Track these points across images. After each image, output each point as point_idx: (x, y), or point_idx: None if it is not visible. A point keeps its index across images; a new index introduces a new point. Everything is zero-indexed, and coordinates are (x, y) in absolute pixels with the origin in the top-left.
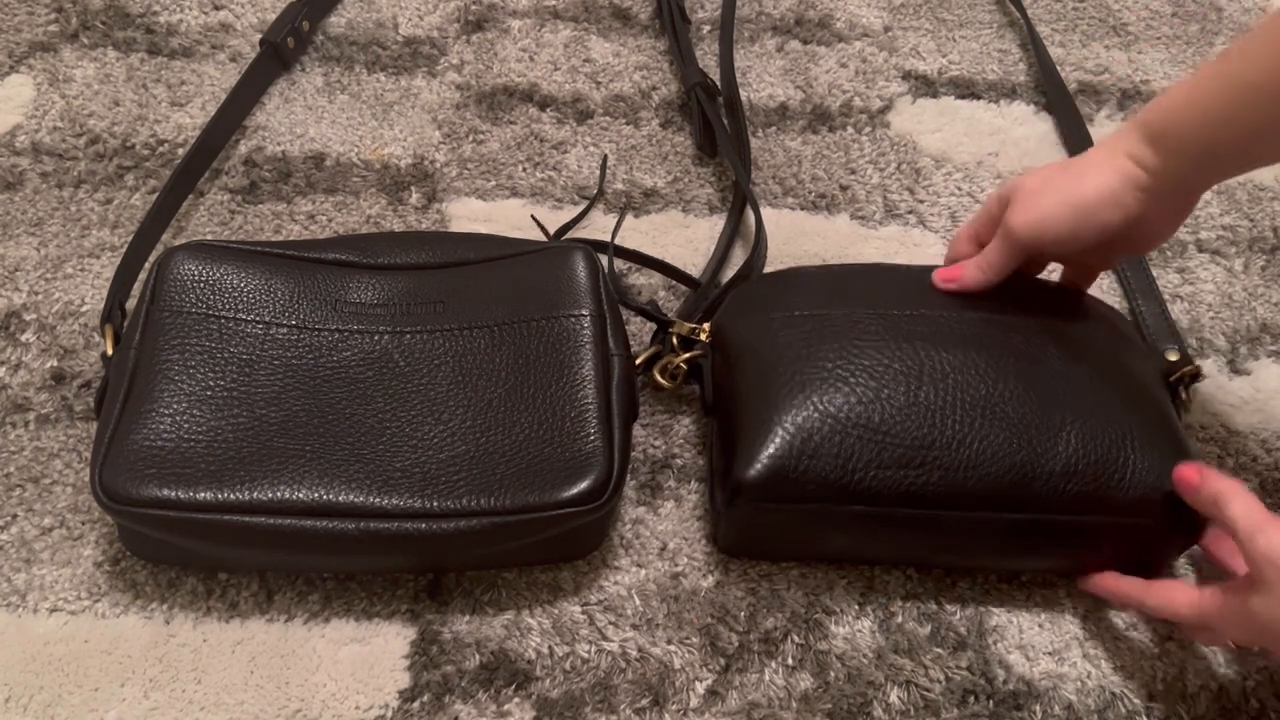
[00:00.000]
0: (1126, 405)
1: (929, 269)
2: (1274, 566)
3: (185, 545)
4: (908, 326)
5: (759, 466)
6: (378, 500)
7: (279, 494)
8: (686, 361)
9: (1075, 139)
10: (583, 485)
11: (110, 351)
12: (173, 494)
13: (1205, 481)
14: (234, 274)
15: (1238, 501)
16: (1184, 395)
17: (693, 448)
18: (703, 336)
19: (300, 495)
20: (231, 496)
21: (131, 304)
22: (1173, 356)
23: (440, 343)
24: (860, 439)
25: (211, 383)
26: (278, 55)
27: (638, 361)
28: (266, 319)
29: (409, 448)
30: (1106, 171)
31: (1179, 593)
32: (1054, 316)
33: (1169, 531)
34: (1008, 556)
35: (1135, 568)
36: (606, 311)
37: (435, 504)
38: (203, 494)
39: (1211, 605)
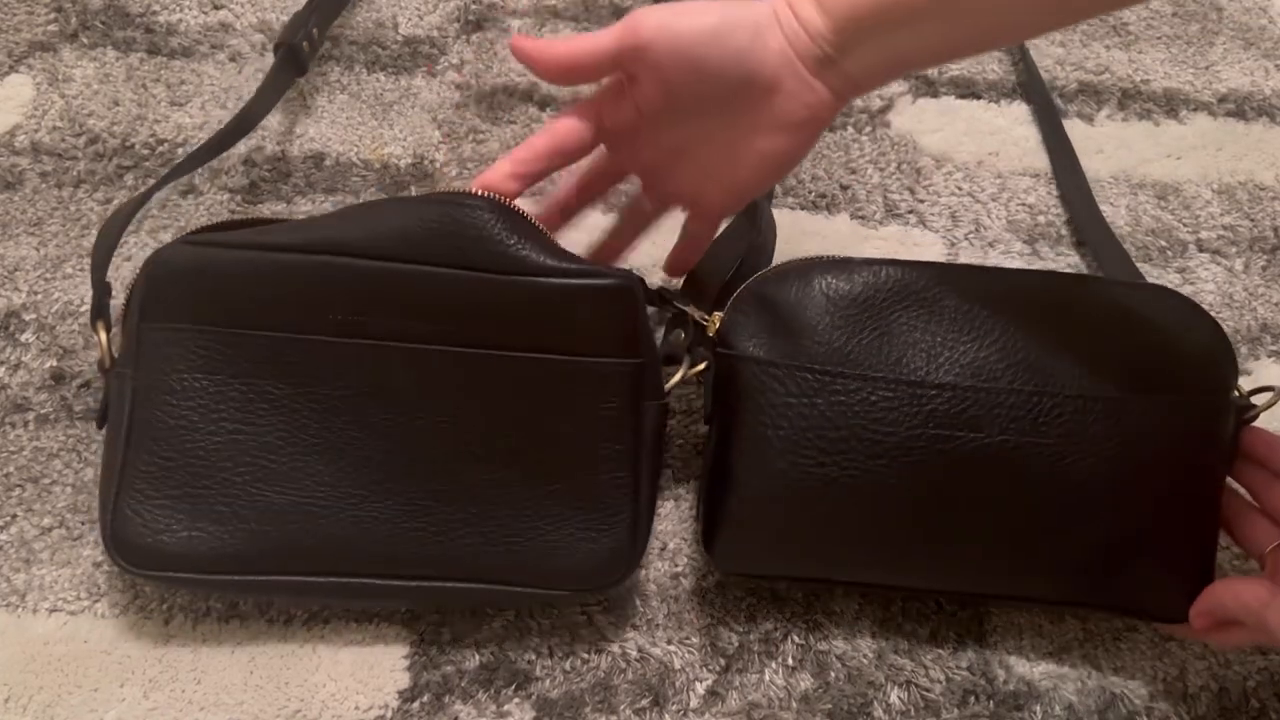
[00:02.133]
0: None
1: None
2: None
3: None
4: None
5: (728, 549)
6: (388, 569)
7: (296, 565)
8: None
9: (1055, 141)
10: (603, 563)
11: (108, 362)
12: (187, 553)
13: (1209, 613)
14: (231, 277)
15: (1226, 596)
16: None
17: (692, 447)
18: (710, 332)
19: (318, 565)
20: (252, 560)
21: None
22: None
23: (456, 369)
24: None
25: (215, 426)
26: (295, 58)
27: (667, 387)
28: (273, 328)
29: (421, 509)
30: (757, 4)
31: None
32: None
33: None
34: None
35: None
36: (643, 354)
37: (439, 571)
38: (222, 560)
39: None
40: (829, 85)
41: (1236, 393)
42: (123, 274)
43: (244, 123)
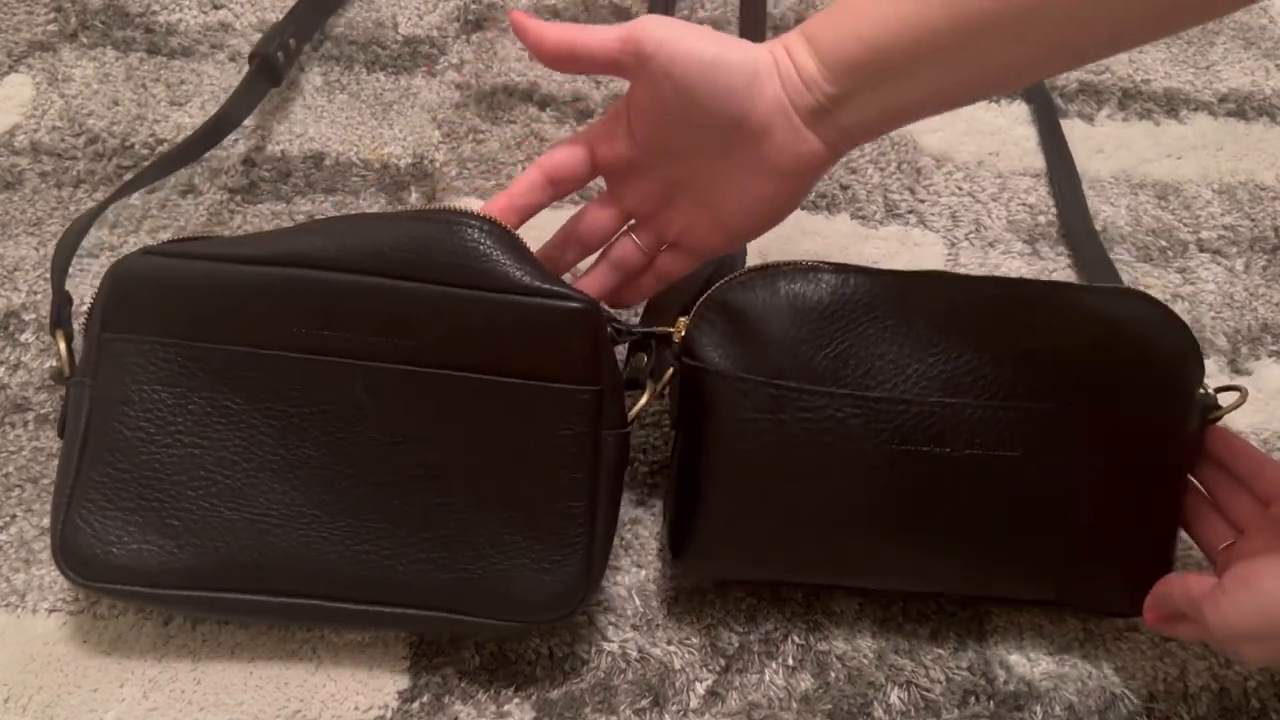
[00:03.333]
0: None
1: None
2: (1235, 643)
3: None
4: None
5: (694, 555)
6: (341, 591)
7: (244, 584)
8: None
9: (1052, 139)
10: (555, 594)
11: (67, 370)
12: (136, 567)
13: (1159, 605)
14: (193, 288)
15: (1175, 589)
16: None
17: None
18: (676, 336)
19: (270, 585)
20: (201, 576)
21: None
22: None
23: (414, 384)
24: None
25: (169, 440)
26: (270, 69)
27: (631, 414)
28: (231, 341)
29: (376, 532)
30: (759, 49)
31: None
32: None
33: None
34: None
35: None
36: (605, 381)
37: (392, 596)
38: (169, 576)
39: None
40: (822, 137)
41: (1203, 390)
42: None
43: (214, 133)
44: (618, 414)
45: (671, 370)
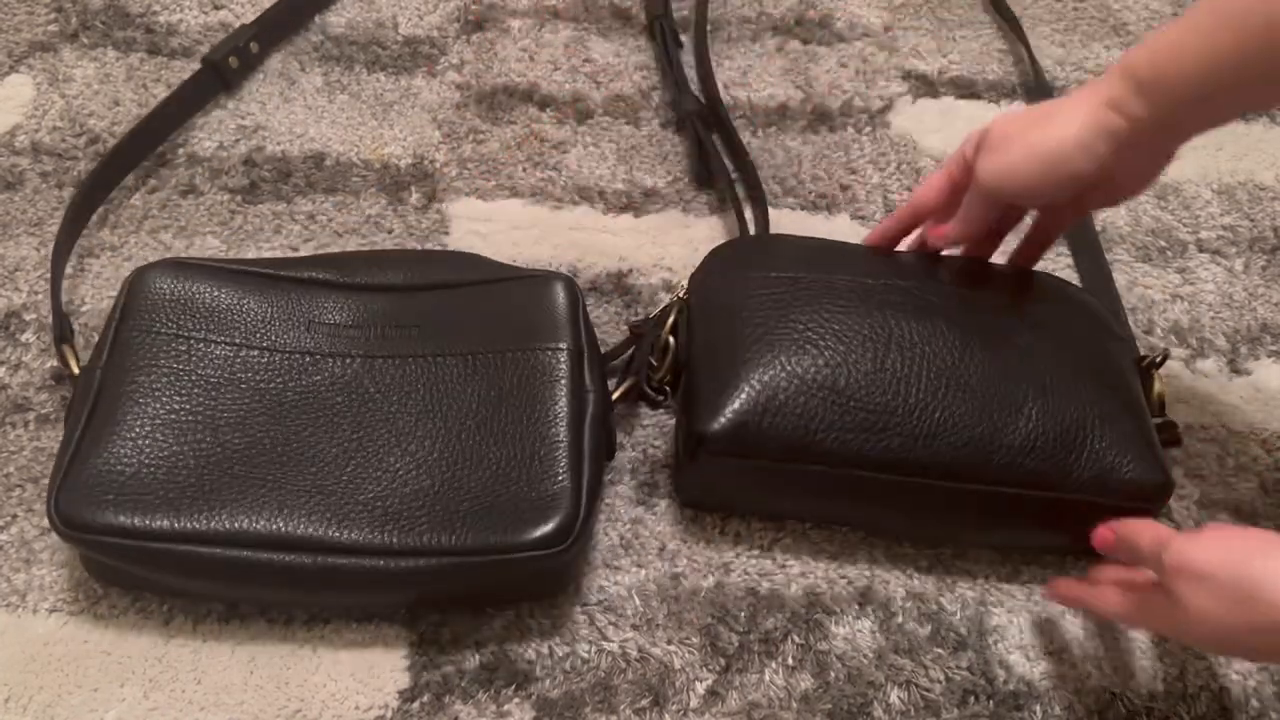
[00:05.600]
0: (1091, 386)
1: (913, 253)
2: (1181, 576)
3: (144, 575)
4: (879, 295)
5: (722, 420)
6: (336, 534)
7: (236, 524)
8: (667, 324)
9: None
10: (547, 528)
11: (75, 370)
12: (129, 521)
13: (1118, 533)
14: (206, 293)
15: (1145, 533)
16: (1156, 378)
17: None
18: (680, 293)
19: (258, 527)
20: (188, 526)
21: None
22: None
23: (413, 369)
24: (824, 401)
25: (176, 406)
26: (219, 75)
27: (615, 396)
28: (237, 340)
29: (373, 480)
30: (1080, 119)
31: (1112, 598)
32: (1025, 297)
33: (1125, 513)
34: (966, 528)
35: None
36: (585, 346)
37: (394, 540)
38: (159, 522)
39: (1137, 613)
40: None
41: None
42: (123, 274)
43: (153, 130)
44: (597, 374)
45: (679, 309)
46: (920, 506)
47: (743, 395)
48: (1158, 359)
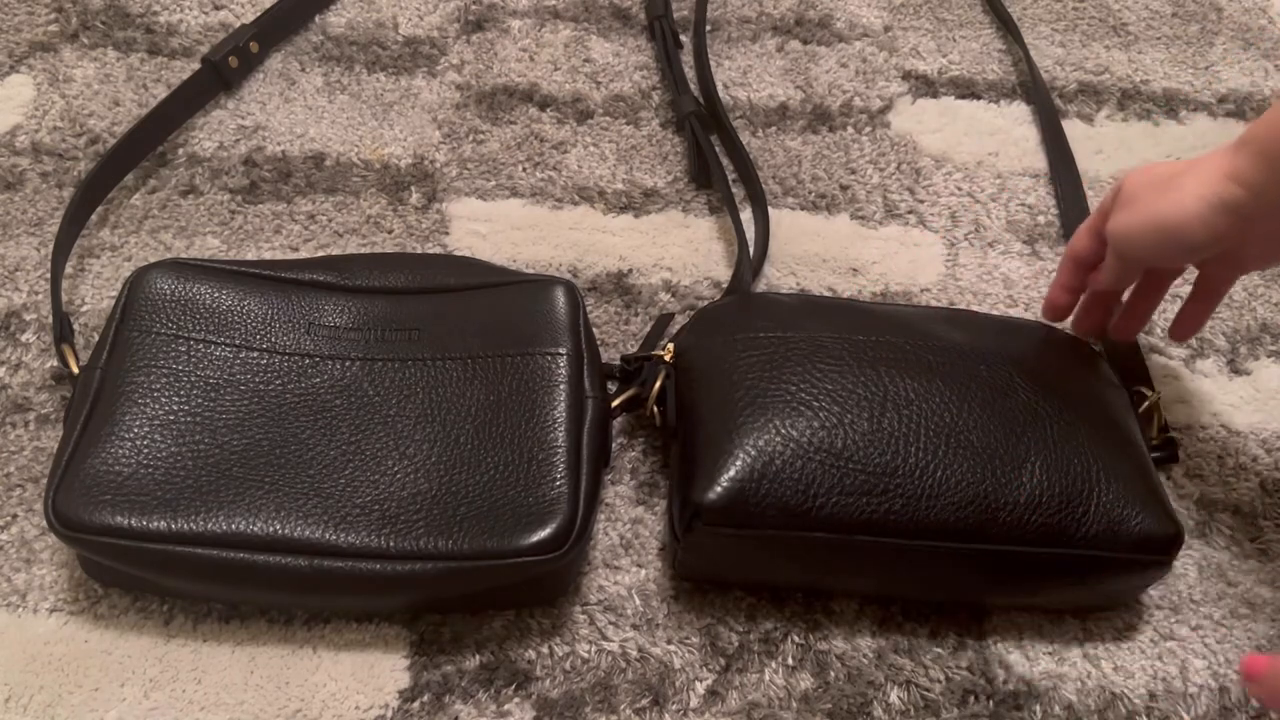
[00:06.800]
0: (1093, 438)
1: (902, 306)
2: None
3: (141, 575)
4: (872, 352)
5: (718, 490)
6: (333, 537)
7: (233, 526)
8: (653, 393)
9: (1054, 143)
10: (544, 533)
11: (75, 370)
12: (125, 522)
13: (1273, 673)
14: (207, 294)
15: None
16: (1155, 408)
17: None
18: (666, 357)
19: (255, 528)
20: (185, 527)
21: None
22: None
23: (412, 373)
24: (822, 464)
25: (175, 407)
26: (219, 74)
27: (614, 404)
28: (237, 342)
29: (370, 483)
30: (1197, 193)
31: None
32: (1023, 349)
33: (1133, 566)
34: (974, 589)
35: (1104, 600)
36: (585, 351)
37: (391, 544)
38: (156, 523)
39: None
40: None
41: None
42: (123, 274)
43: (154, 130)
44: (597, 380)
45: (664, 374)
46: (928, 570)
47: (738, 463)
48: (1151, 397)
